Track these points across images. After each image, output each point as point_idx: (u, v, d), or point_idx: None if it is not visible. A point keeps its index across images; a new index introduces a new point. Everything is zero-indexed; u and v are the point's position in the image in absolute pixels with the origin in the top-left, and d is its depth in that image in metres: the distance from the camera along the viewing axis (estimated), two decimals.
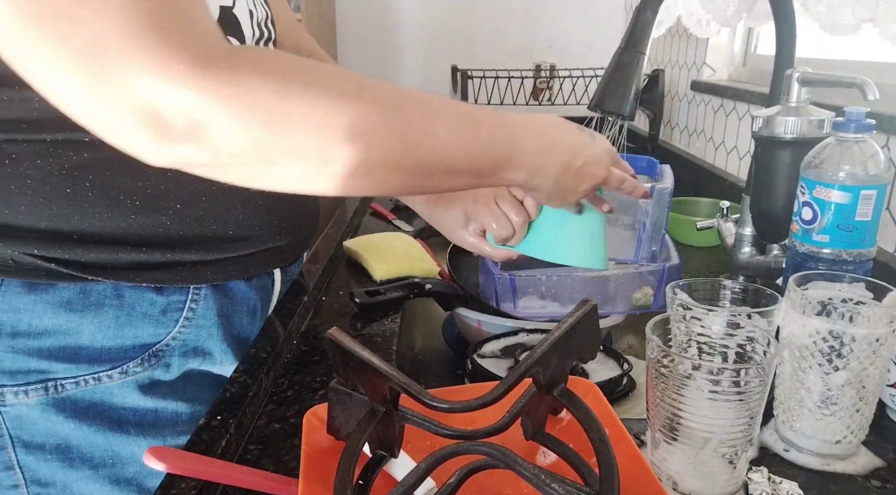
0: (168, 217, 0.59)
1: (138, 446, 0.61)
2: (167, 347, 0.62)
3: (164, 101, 0.39)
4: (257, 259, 0.67)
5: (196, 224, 0.60)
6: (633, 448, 0.44)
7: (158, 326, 0.61)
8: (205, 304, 0.64)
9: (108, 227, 0.56)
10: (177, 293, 0.62)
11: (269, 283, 0.74)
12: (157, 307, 0.61)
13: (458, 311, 0.84)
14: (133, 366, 0.60)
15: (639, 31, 0.75)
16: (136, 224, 0.57)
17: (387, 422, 0.44)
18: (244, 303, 0.69)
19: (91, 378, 0.59)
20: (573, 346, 0.43)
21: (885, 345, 0.51)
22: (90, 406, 0.59)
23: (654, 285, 0.82)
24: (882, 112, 0.84)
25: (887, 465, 0.54)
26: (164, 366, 0.62)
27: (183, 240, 0.60)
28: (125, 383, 0.60)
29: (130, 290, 0.59)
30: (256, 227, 0.65)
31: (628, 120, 0.76)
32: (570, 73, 1.75)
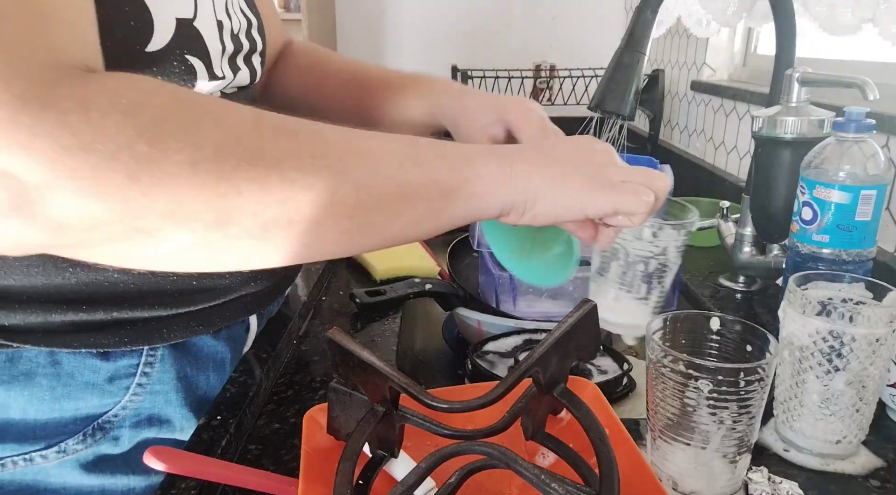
0: (115, 270, 0.48)
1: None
2: (115, 418, 0.53)
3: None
4: (227, 309, 0.57)
5: (150, 276, 0.50)
6: (633, 448, 0.44)
7: (104, 396, 0.52)
8: (161, 367, 0.54)
9: (40, 283, 0.47)
10: (126, 357, 0.52)
11: (241, 332, 0.65)
12: (102, 374, 0.51)
13: (458, 311, 0.84)
14: (73, 443, 0.51)
15: (639, 31, 0.75)
16: (73, 279, 0.48)
17: (387, 422, 0.44)
18: (210, 359, 0.59)
19: (21, 459, 0.50)
20: (573, 346, 0.43)
21: (885, 345, 0.51)
22: (20, 489, 0.51)
23: None
24: (882, 112, 0.84)
25: (887, 465, 0.54)
26: (111, 439, 0.53)
27: (133, 295, 0.50)
28: (64, 463, 0.52)
29: (69, 357, 0.50)
30: (226, 275, 0.55)
31: (628, 120, 0.76)
32: (570, 73, 1.75)
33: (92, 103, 0.31)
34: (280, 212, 0.36)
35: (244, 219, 0.35)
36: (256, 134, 0.36)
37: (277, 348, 0.68)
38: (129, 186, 0.31)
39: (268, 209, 0.35)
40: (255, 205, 0.35)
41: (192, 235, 0.34)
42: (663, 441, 0.49)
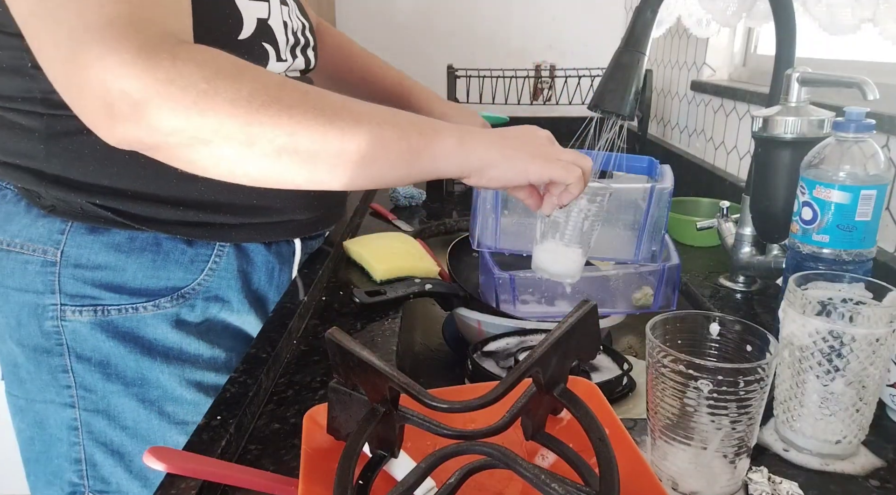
0: (203, 184, 0.69)
1: (162, 372, 0.73)
2: (193, 291, 0.73)
3: (112, 85, 0.47)
4: (277, 228, 0.78)
5: (225, 191, 0.71)
6: (633, 448, 0.44)
7: (187, 272, 0.73)
8: (227, 260, 0.75)
9: (155, 188, 0.68)
10: (204, 247, 0.73)
11: (288, 251, 0.84)
12: (188, 256, 0.72)
13: (458, 311, 0.84)
14: (164, 302, 0.72)
15: (639, 31, 0.75)
16: (176, 187, 0.69)
17: (387, 422, 0.44)
18: (263, 265, 0.80)
19: (130, 307, 0.71)
20: (573, 346, 0.43)
21: (885, 345, 0.51)
22: (128, 331, 0.71)
23: (654, 285, 0.82)
24: (882, 112, 0.84)
25: (887, 465, 0.54)
26: (189, 306, 0.73)
27: (213, 204, 0.71)
28: (157, 315, 0.72)
29: (167, 240, 0.71)
30: (277, 200, 0.75)
31: (628, 120, 0.76)
32: (570, 74, 1.74)
33: (178, 56, 0.49)
34: (288, 141, 0.52)
35: (263, 143, 0.52)
36: (278, 88, 0.52)
37: (277, 348, 0.68)
38: (191, 108, 0.49)
39: (279, 138, 0.52)
40: (270, 133, 0.51)
41: (231, 149, 0.52)
42: (663, 441, 0.49)
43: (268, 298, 0.83)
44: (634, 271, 0.82)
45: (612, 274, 0.82)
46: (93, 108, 0.49)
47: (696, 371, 0.45)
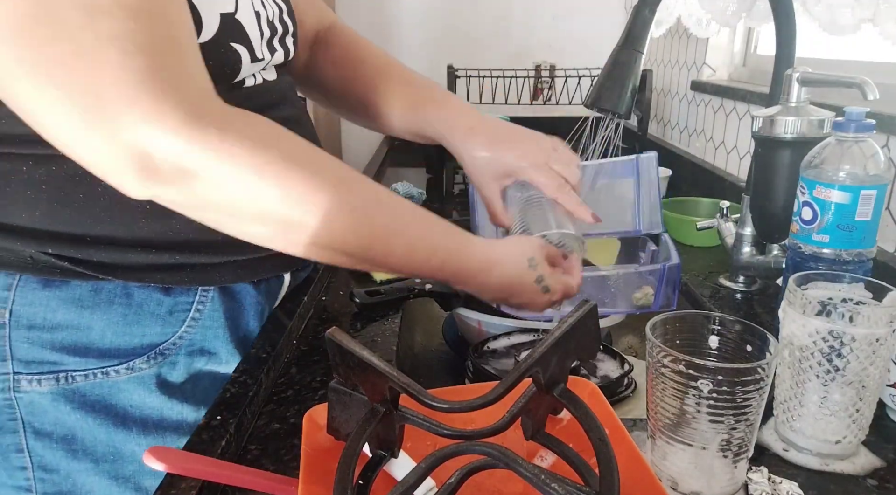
0: (178, 221, 0.59)
1: (139, 445, 0.62)
2: (173, 346, 0.63)
3: (157, 148, 0.43)
4: (267, 263, 0.68)
5: (205, 228, 0.59)
6: (633, 448, 0.44)
7: (165, 325, 0.62)
8: (212, 305, 0.65)
9: (119, 230, 0.58)
10: (184, 294, 0.63)
11: (277, 287, 0.76)
12: (165, 307, 0.62)
13: (458, 311, 0.84)
14: (139, 363, 0.62)
15: (637, 30, 0.75)
16: (146, 227, 0.59)
17: (387, 422, 0.44)
18: (252, 306, 0.70)
19: (100, 371, 0.61)
20: (573, 346, 0.43)
21: (885, 345, 0.51)
22: (97, 399, 0.61)
23: (655, 285, 0.82)
24: (882, 112, 0.84)
25: (887, 465, 0.54)
26: (170, 364, 0.63)
27: (192, 243, 0.61)
28: (131, 379, 0.62)
29: (139, 290, 0.61)
30: None
31: (624, 119, 0.76)
32: (570, 73, 1.74)
33: (230, 128, 0.46)
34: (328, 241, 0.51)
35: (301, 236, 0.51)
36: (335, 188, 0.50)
37: (277, 348, 0.68)
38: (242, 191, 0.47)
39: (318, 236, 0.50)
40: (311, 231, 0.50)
41: (265, 231, 0.51)
42: (663, 441, 0.49)
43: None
44: (634, 271, 0.82)
45: (612, 274, 0.82)
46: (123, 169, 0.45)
47: (695, 371, 0.45)
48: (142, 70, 0.42)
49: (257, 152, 0.47)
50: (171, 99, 0.43)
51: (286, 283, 0.77)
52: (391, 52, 0.87)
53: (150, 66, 0.43)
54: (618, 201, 0.82)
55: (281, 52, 0.68)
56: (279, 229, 0.50)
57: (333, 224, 0.50)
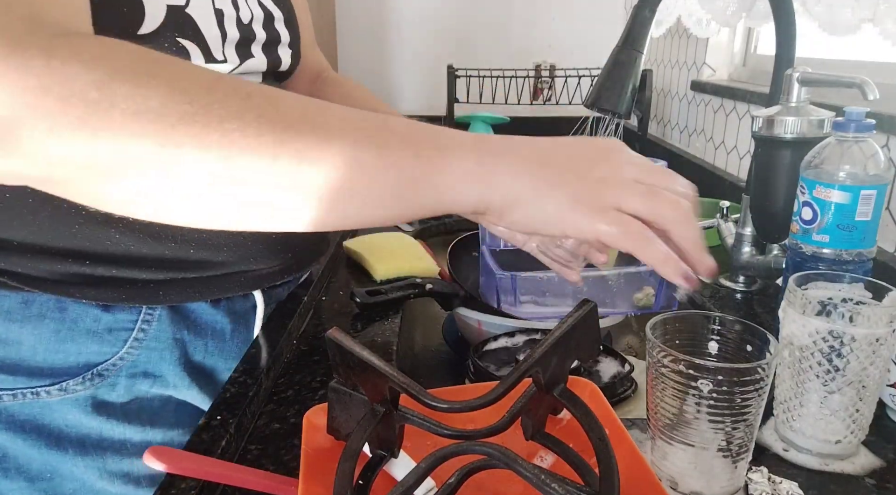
0: (118, 230, 0.54)
1: (76, 465, 0.59)
2: (113, 367, 0.58)
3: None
4: (226, 281, 0.61)
5: (150, 240, 0.55)
6: (633, 448, 0.44)
7: (103, 344, 0.57)
8: (158, 326, 0.59)
9: (50, 238, 0.53)
10: (126, 311, 0.57)
11: (245, 306, 0.68)
12: (103, 324, 0.57)
13: (458, 311, 0.84)
14: (73, 384, 0.57)
15: (636, 30, 0.75)
16: (80, 236, 0.53)
17: (387, 422, 0.44)
18: (208, 327, 0.64)
19: (29, 392, 0.56)
20: (573, 346, 0.43)
21: (885, 345, 0.51)
22: (28, 419, 0.57)
23: (656, 285, 0.82)
24: (882, 112, 0.84)
25: (887, 465, 0.54)
26: (108, 386, 0.58)
27: (132, 257, 0.55)
28: (65, 400, 0.57)
29: (74, 305, 0.56)
30: (224, 250, 0.59)
31: (624, 119, 0.76)
32: (570, 73, 1.74)
33: (55, 53, 0.34)
34: (221, 169, 0.36)
35: (187, 171, 0.36)
36: (206, 93, 0.36)
37: (277, 348, 0.68)
38: (78, 128, 0.34)
39: (207, 164, 0.36)
40: (194, 159, 0.35)
41: (144, 182, 0.36)
42: (663, 441, 0.49)
43: (216, 368, 0.65)
44: (635, 271, 0.82)
45: (612, 274, 0.82)
46: None
47: (695, 371, 0.45)
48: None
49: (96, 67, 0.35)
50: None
51: (258, 303, 0.69)
52: (391, 52, 0.87)
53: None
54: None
55: (262, 60, 0.61)
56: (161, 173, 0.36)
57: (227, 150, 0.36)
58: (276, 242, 0.63)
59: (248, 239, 0.61)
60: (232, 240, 0.60)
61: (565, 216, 0.40)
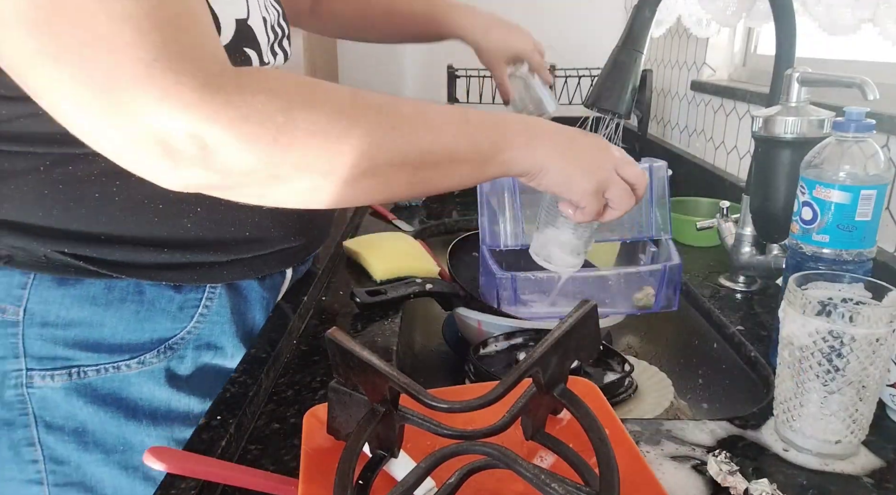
0: (189, 220, 0.62)
1: (148, 436, 0.65)
2: (182, 341, 0.65)
3: (173, 128, 0.42)
4: (271, 259, 0.70)
5: (215, 227, 0.63)
6: (634, 448, 0.44)
7: (175, 321, 0.64)
8: (219, 302, 0.67)
9: (133, 230, 0.60)
10: (193, 291, 0.65)
11: (280, 282, 0.77)
12: (175, 303, 0.64)
13: (458, 311, 0.84)
14: (150, 357, 0.63)
15: (636, 30, 0.75)
16: (158, 227, 0.60)
17: (387, 422, 0.44)
18: (257, 301, 0.72)
19: (111, 366, 0.62)
20: (573, 346, 0.43)
21: (885, 345, 0.51)
22: (109, 394, 0.63)
23: (655, 285, 0.82)
24: (882, 112, 0.84)
25: (887, 465, 0.54)
26: (178, 357, 0.65)
27: (201, 242, 0.63)
28: (142, 373, 0.63)
29: (151, 287, 0.63)
30: (271, 229, 0.68)
31: (624, 119, 0.76)
32: (570, 74, 1.74)
33: (245, 88, 0.44)
34: (369, 166, 0.49)
35: (344, 171, 0.48)
36: (353, 109, 0.49)
37: (277, 348, 0.68)
38: (272, 145, 0.45)
39: (360, 165, 0.48)
40: (351, 162, 0.48)
41: (309, 182, 0.48)
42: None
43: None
44: (635, 271, 0.82)
45: (612, 274, 0.82)
46: (146, 155, 0.43)
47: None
48: (157, 47, 0.41)
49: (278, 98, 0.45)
50: (187, 71, 0.41)
51: (288, 277, 0.79)
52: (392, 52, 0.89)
53: (166, 42, 0.41)
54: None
55: (281, 56, 0.69)
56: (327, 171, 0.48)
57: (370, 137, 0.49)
58: (307, 222, 0.73)
59: (290, 219, 0.69)
60: (280, 222, 0.68)
61: (573, 187, 0.61)
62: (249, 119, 0.43)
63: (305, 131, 0.46)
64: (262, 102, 0.44)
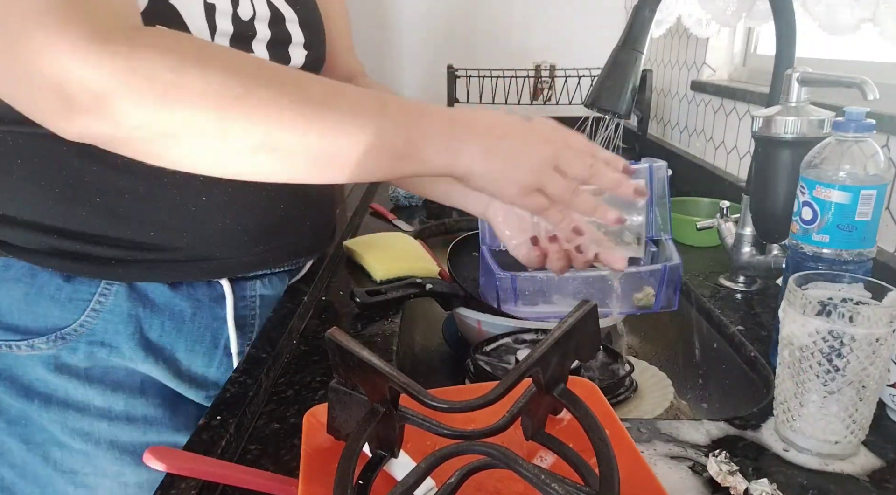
0: (85, 209, 0.61)
1: (41, 417, 0.65)
2: (74, 333, 0.64)
3: (66, 75, 0.42)
4: (185, 266, 0.66)
5: (114, 220, 0.62)
6: (633, 448, 0.44)
7: (64, 311, 0.64)
8: (115, 300, 0.65)
9: (27, 211, 0.61)
10: (85, 284, 0.64)
11: (211, 293, 0.70)
12: (64, 293, 0.63)
13: (458, 311, 0.84)
14: (39, 343, 0.64)
15: (636, 30, 0.75)
16: (53, 211, 0.60)
17: (387, 422, 0.44)
18: (166, 308, 0.67)
19: (3, 344, 0.64)
20: (573, 346, 0.43)
21: (885, 345, 0.51)
22: (4, 369, 0.65)
23: (655, 285, 0.82)
24: (882, 112, 0.84)
25: (887, 465, 0.54)
26: (69, 348, 0.64)
27: (96, 234, 0.62)
28: (32, 357, 0.64)
29: (42, 273, 0.63)
30: (184, 236, 0.64)
31: (624, 119, 0.76)
32: (570, 73, 1.75)
33: (137, 42, 0.44)
34: (264, 139, 0.47)
35: (237, 139, 0.47)
36: (252, 78, 0.47)
37: (277, 348, 0.68)
38: (159, 101, 0.44)
39: (254, 135, 0.47)
40: (244, 130, 0.47)
41: (202, 144, 0.47)
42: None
43: (176, 348, 0.68)
44: (635, 271, 0.82)
45: (612, 274, 0.82)
46: (45, 100, 0.44)
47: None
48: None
49: (168, 54, 0.45)
50: (77, 20, 0.42)
51: (227, 292, 0.70)
52: (391, 52, 0.87)
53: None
54: (628, 208, 0.82)
55: (265, 56, 0.65)
56: (218, 133, 0.46)
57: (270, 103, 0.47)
58: (243, 233, 0.67)
59: (210, 227, 0.65)
60: (193, 227, 0.65)
61: (503, 191, 0.54)
62: (137, 72, 0.43)
63: (194, 91, 0.44)
64: (151, 57, 0.44)
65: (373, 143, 0.50)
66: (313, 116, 0.48)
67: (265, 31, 0.65)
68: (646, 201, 0.79)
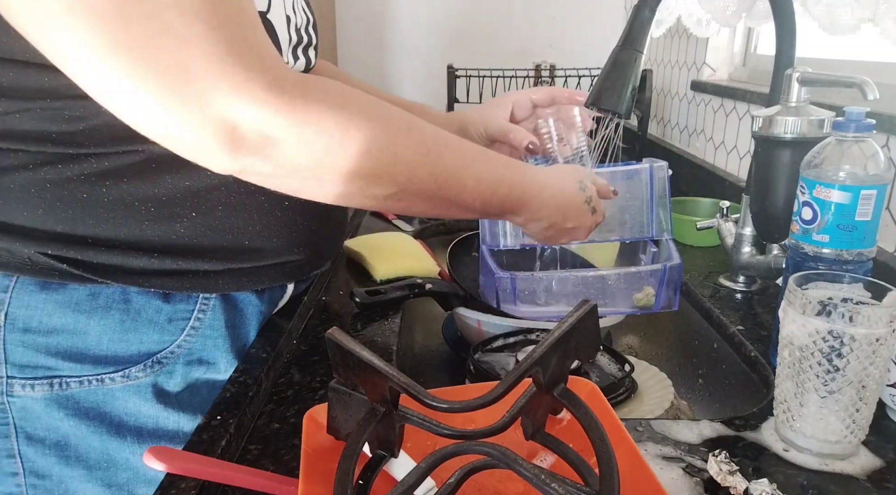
0: (182, 225, 0.59)
1: (133, 453, 0.62)
2: (171, 355, 0.62)
3: (243, 118, 0.44)
4: (271, 271, 0.67)
5: (210, 233, 0.61)
6: (633, 448, 0.44)
7: (164, 334, 0.61)
8: (213, 314, 0.64)
9: (122, 233, 0.58)
10: (184, 302, 0.62)
11: (279, 295, 0.74)
12: (164, 315, 0.61)
13: (458, 311, 0.84)
14: (135, 371, 0.61)
15: (636, 30, 0.75)
16: (149, 231, 0.58)
17: (387, 422, 0.44)
18: (254, 316, 0.69)
19: (94, 378, 0.60)
20: (573, 346, 0.43)
21: (885, 345, 0.51)
22: (92, 407, 0.60)
23: (655, 285, 0.82)
24: (882, 112, 0.84)
25: (887, 465, 0.54)
26: (167, 373, 0.62)
27: (195, 248, 0.61)
28: (127, 387, 0.61)
29: (138, 296, 0.60)
30: (273, 240, 0.65)
31: (624, 118, 0.76)
32: (570, 74, 1.74)
33: (310, 96, 0.47)
34: (397, 193, 0.53)
35: (377, 189, 0.52)
36: (403, 144, 0.52)
37: (277, 348, 0.68)
38: (323, 154, 0.48)
39: (391, 190, 0.53)
40: (385, 185, 0.52)
41: (346, 189, 0.51)
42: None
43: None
44: (635, 271, 0.82)
45: (612, 274, 0.82)
46: (213, 138, 0.44)
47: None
48: (227, 42, 0.43)
49: (338, 112, 0.48)
50: (256, 69, 0.44)
51: (289, 292, 0.76)
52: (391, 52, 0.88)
53: (234, 38, 0.43)
54: (628, 208, 0.82)
55: (303, 61, 0.69)
56: (363, 184, 0.51)
57: (412, 168, 0.53)
58: (312, 233, 0.70)
59: (293, 230, 0.67)
60: (280, 231, 0.66)
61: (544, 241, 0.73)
62: (309, 124, 0.46)
63: (353, 151, 0.49)
64: (323, 112, 0.47)
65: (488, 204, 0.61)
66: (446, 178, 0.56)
67: (305, 36, 0.69)
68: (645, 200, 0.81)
